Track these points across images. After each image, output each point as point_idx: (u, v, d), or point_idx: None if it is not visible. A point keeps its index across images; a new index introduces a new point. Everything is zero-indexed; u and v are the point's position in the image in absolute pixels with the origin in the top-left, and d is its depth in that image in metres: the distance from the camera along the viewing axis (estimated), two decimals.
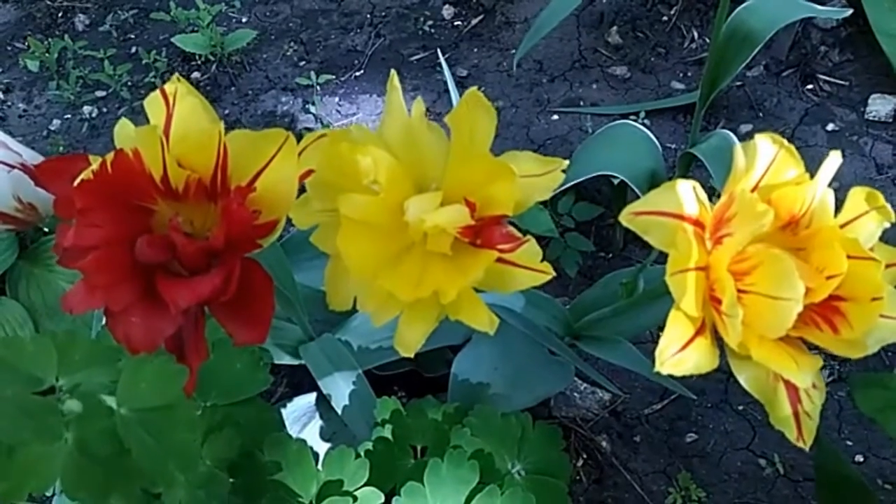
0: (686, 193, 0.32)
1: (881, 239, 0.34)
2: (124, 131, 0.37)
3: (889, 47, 0.90)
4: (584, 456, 0.71)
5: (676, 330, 0.32)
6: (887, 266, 0.33)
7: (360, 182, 0.35)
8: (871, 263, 0.31)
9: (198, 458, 0.32)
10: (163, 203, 0.38)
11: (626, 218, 0.32)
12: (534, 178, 0.36)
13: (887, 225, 0.33)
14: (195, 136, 0.37)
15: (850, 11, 0.73)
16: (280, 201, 0.37)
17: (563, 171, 0.36)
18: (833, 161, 0.32)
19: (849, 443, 0.70)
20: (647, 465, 0.71)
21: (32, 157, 0.62)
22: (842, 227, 0.33)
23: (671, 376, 0.32)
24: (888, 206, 0.33)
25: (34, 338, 0.31)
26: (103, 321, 0.42)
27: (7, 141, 0.61)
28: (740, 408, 0.73)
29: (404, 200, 0.36)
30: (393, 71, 0.38)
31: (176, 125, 0.37)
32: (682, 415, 0.73)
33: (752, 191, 0.33)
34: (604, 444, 0.71)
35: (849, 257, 0.32)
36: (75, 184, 0.34)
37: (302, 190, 0.39)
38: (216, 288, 0.35)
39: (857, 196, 0.33)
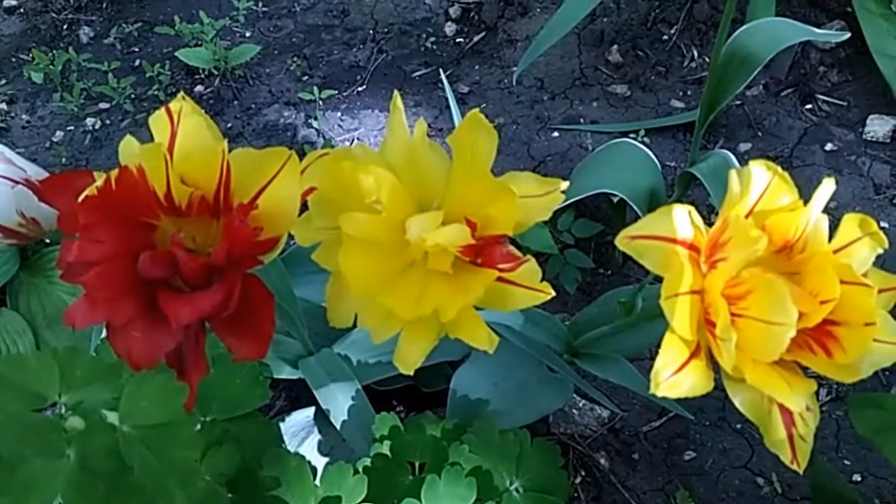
0: (681, 218, 0.33)
1: (876, 262, 0.35)
2: (129, 148, 0.38)
3: (887, 68, 0.91)
4: (583, 473, 0.71)
5: (671, 353, 0.32)
6: (880, 291, 0.33)
7: (363, 201, 0.36)
8: (865, 289, 0.32)
9: (197, 474, 0.32)
10: (166, 219, 0.38)
11: (622, 241, 0.33)
12: (534, 198, 0.37)
13: (880, 251, 0.34)
14: (199, 153, 0.37)
15: (848, 35, 0.73)
16: (282, 219, 0.38)
17: (563, 191, 0.36)
18: (826, 188, 0.33)
19: (846, 462, 0.70)
20: (645, 482, 0.71)
21: (36, 173, 0.63)
22: (835, 252, 0.34)
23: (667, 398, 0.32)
24: (881, 232, 0.33)
25: (36, 354, 0.31)
26: (103, 333, 0.42)
27: (12, 157, 0.61)
28: (738, 426, 0.73)
29: (406, 219, 0.36)
30: (396, 92, 0.38)
31: (180, 143, 0.38)
32: (681, 433, 0.73)
33: (747, 216, 0.33)
34: (602, 461, 0.72)
35: (842, 282, 0.32)
36: (79, 200, 0.35)
37: (304, 207, 0.39)
38: (217, 304, 0.35)
39: (851, 222, 0.33)
